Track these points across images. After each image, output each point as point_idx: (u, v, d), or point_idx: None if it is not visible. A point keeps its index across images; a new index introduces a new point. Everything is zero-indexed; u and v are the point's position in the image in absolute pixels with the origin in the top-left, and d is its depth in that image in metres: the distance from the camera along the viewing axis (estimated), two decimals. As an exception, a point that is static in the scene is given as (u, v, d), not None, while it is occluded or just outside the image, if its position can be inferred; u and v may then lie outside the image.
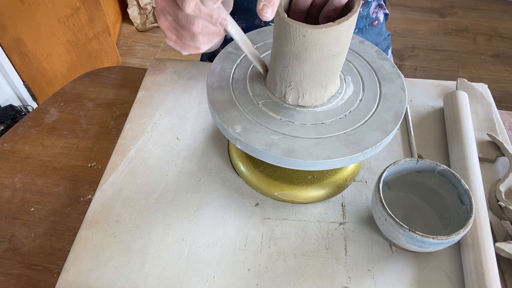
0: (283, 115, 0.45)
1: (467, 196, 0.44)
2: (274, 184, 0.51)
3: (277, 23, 0.41)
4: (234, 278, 0.45)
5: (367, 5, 0.71)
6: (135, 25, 2.09)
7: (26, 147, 0.62)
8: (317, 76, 0.43)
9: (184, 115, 0.61)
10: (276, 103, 0.46)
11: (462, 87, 0.64)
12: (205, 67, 0.68)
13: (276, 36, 0.42)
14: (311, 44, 0.39)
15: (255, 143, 0.42)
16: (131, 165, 0.55)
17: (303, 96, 0.45)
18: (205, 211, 0.50)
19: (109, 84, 0.71)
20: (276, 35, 0.42)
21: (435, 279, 0.45)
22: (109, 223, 0.49)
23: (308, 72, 0.42)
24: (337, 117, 0.45)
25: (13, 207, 0.54)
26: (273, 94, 0.47)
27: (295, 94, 0.45)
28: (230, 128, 0.43)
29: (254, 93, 0.47)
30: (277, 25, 0.41)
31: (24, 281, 0.48)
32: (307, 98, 0.45)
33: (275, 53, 0.43)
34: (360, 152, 0.42)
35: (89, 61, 1.71)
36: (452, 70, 1.91)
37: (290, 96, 0.45)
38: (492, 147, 0.57)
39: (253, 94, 0.47)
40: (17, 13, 1.32)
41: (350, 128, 0.44)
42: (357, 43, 0.53)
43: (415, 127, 0.60)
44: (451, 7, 2.28)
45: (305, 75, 0.42)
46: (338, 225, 0.49)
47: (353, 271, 0.46)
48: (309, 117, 0.45)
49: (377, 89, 0.48)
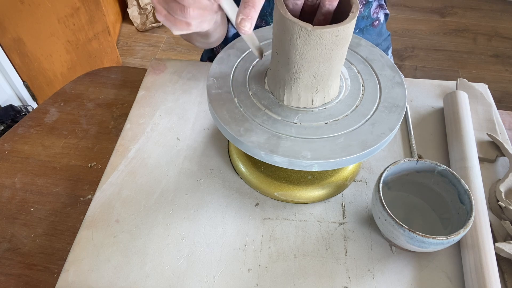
0: (283, 115, 0.45)
1: (467, 196, 0.44)
2: (274, 184, 0.51)
3: (278, 23, 0.40)
4: (234, 278, 0.45)
5: (367, 6, 0.71)
6: (135, 25, 2.09)
7: (26, 147, 0.62)
8: (318, 78, 0.43)
9: (184, 115, 0.61)
10: (276, 104, 0.46)
11: (462, 87, 0.64)
12: (205, 67, 0.68)
13: (277, 36, 0.42)
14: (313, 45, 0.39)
15: (256, 144, 0.42)
16: (131, 165, 0.55)
17: (303, 97, 0.45)
18: (205, 211, 0.50)
19: (109, 84, 0.71)
20: (277, 35, 0.41)
21: (435, 279, 0.45)
22: (109, 223, 0.49)
23: (310, 73, 0.42)
24: (337, 117, 0.45)
25: (13, 207, 0.54)
26: (273, 95, 0.47)
27: (295, 96, 0.45)
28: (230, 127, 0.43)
29: (254, 93, 0.47)
30: (279, 24, 0.40)
31: (24, 281, 0.48)
32: (307, 100, 0.45)
33: (276, 53, 0.43)
34: (361, 152, 0.42)
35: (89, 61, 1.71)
36: (452, 70, 1.91)
37: (290, 97, 0.45)
38: (492, 147, 0.57)
39: (253, 94, 0.47)
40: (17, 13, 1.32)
41: (350, 128, 0.44)
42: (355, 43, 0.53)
43: (415, 127, 0.60)
44: (451, 7, 2.28)
45: (306, 77, 0.42)
46: (338, 225, 0.49)
47: (353, 271, 0.46)
48: (309, 117, 0.45)
49: (377, 89, 0.48)
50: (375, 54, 0.52)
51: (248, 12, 0.35)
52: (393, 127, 0.44)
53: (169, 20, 0.40)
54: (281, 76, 0.44)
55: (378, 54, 0.52)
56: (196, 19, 0.39)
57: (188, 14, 0.38)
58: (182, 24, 0.40)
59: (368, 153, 0.42)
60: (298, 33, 0.38)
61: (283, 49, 0.41)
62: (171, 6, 0.38)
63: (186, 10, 0.38)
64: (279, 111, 0.45)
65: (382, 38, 0.79)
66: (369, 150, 0.42)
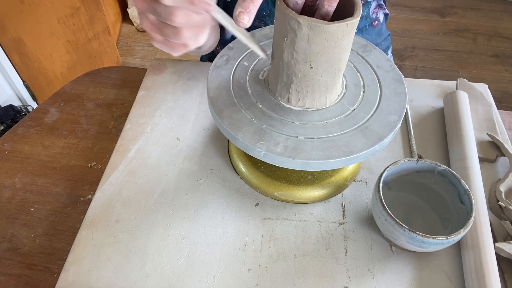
0: (283, 115, 0.45)
1: (467, 196, 0.44)
2: (274, 184, 0.51)
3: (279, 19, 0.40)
4: (234, 278, 0.45)
5: (366, 5, 0.71)
6: (135, 25, 2.09)
7: (26, 147, 0.62)
8: (320, 77, 0.43)
9: (184, 115, 0.61)
10: (276, 104, 0.46)
11: (462, 87, 0.64)
12: (205, 67, 0.68)
13: (278, 34, 0.41)
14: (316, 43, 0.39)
15: (257, 145, 0.42)
16: (131, 165, 0.55)
17: (305, 97, 0.45)
18: (205, 211, 0.50)
19: (109, 84, 0.71)
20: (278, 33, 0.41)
21: (435, 279, 0.45)
22: (109, 223, 0.49)
23: (311, 73, 0.42)
24: (338, 117, 0.45)
25: (13, 207, 0.54)
26: (274, 95, 0.47)
27: (296, 96, 0.45)
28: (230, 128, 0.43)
29: (255, 93, 0.47)
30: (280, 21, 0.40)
31: (24, 281, 0.48)
32: (308, 100, 0.45)
33: (276, 52, 0.43)
34: (361, 152, 0.42)
35: (89, 61, 1.71)
36: (452, 70, 1.91)
37: (291, 97, 0.45)
38: (492, 147, 0.57)
39: (254, 94, 0.47)
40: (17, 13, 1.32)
41: (350, 128, 0.44)
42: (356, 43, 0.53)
43: (415, 127, 0.60)
44: (451, 7, 2.28)
45: (307, 77, 0.42)
46: (338, 225, 0.49)
47: (353, 271, 0.46)
48: (309, 117, 0.45)
49: (377, 89, 0.48)
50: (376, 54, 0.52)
51: (247, 6, 0.35)
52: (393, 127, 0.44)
53: (166, 45, 0.40)
54: (282, 77, 0.44)
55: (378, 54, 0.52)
56: (191, 38, 0.39)
57: (183, 36, 0.38)
58: (179, 47, 0.40)
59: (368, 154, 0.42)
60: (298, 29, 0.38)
61: (282, 48, 0.41)
62: (164, 32, 0.38)
63: (180, 32, 0.38)
64: (280, 111, 0.45)
65: (382, 38, 0.79)
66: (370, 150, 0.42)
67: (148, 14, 0.38)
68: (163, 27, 0.38)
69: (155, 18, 0.38)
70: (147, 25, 0.38)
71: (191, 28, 0.38)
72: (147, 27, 0.39)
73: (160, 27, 0.38)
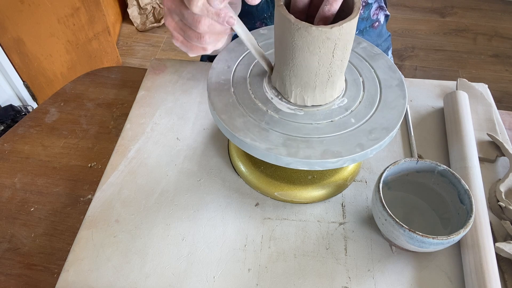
0: (283, 115, 0.45)
1: (467, 196, 0.44)
2: (274, 184, 0.51)
3: (278, 23, 0.41)
4: (234, 278, 0.45)
5: (367, 7, 0.71)
6: (135, 25, 2.09)
7: (26, 147, 0.62)
8: (320, 77, 0.43)
9: (184, 115, 0.61)
10: (277, 104, 0.46)
11: (462, 87, 0.64)
12: (205, 67, 0.68)
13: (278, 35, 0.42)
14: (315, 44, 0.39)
15: (257, 144, 0.42)
16: (131, 165, 0.55)
17: (307, 95, 0.45)
18: (205, 211, 0.50)
19: (109, 84, 0.71)
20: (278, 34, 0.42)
21: (435, 279, 0.45)
22: (109, 223, 0.49)
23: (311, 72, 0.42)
24: (338, 117, 0.45)
25: (13, 207, 0.54)
26: (275, 95, 0.47)
27: (298, 94, 0.45)
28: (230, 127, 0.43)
29: (255, 93, 0.47)
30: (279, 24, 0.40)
31: (24, 281, 0.48)
32: (310, 98, 0.45)
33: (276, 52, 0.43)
34: (361, 152, 0.42)
35: (89, 61, 1.71)
36: (452, 70, 1.91)
37: (293, 96, 0.45)
38: (492, 147, 0.57)
39: (254, 94, 0.47)
40: (17, 13, 1.32)
41: (350, 128, 0.44)
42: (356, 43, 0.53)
43: (415, 127, 0.60)
44: (451, 7, 2.28)
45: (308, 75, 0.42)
46: (338, 225, 0.49)
47: (353, 271, 0.46)
48: (310, 116, 0.45)
49: (377, 89, 0.48)
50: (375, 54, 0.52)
51: None
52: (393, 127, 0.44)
53: (186, 45, 0.42)
54: (283, 76, 0.44)
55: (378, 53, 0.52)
56: (211, 43, 0.41)
57: (205, 41, 0.40)
58: (198, 49, 0.42)
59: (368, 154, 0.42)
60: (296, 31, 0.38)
61: (282, 48, 0.41)
62: (188, 34, 0.40)
63: (202, 37, 0.40)
64: (280, 110, 0.45)
65: (382, 39, 0.79)
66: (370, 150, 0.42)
67: (174, 15, 0.40)
68: (187, 29, 0.40)
69: (180, 19, 0.40)
70: (170, 24, 0.40)
71: (213, 34, 0.40)
72: (171, 25, 0.40)
73: (184, 29, 0.40)
